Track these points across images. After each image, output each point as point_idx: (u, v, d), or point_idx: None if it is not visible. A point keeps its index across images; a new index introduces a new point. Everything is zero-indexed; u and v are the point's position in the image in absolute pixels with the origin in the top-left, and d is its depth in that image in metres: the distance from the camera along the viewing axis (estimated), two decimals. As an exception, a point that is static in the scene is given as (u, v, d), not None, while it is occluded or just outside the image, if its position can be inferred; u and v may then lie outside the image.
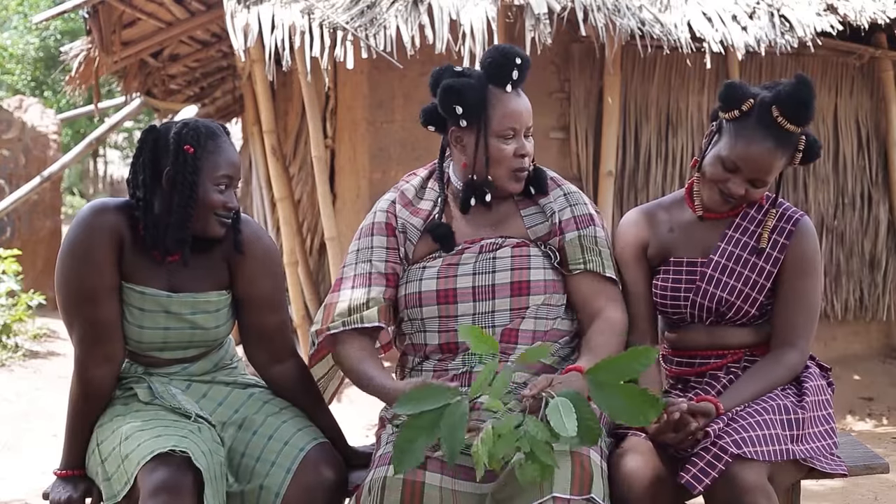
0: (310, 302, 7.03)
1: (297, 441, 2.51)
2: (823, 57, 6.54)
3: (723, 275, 2.60)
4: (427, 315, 2.56)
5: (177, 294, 2.54)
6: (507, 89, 2.54)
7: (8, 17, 16.86)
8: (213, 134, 2.52)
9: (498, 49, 2.56)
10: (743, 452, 2.29)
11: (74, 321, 2.50)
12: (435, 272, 2.57)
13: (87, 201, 19.66)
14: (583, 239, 2.59)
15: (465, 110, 2.53)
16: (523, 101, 2.57)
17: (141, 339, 2.55)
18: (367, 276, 2.60)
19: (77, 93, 7.54)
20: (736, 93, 2.53)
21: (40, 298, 7.89)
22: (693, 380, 2.67)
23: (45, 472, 4.66)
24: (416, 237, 2.64)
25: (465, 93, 2.51)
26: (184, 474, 2.32)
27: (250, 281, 2.61)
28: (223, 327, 2.62)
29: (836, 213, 6.73)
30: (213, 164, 2.49)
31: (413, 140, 6.33)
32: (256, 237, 2.62)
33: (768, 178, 2.54)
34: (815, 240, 2.63)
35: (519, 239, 2.60)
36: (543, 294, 2.55)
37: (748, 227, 2.62)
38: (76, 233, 2.49)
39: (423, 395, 2.21)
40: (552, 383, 2.25)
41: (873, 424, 6.03)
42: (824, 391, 2.62)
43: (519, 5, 5.52)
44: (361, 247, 2.65)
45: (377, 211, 2.69)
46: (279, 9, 5.71)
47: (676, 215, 2.69)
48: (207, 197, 2.49)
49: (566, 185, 2.68)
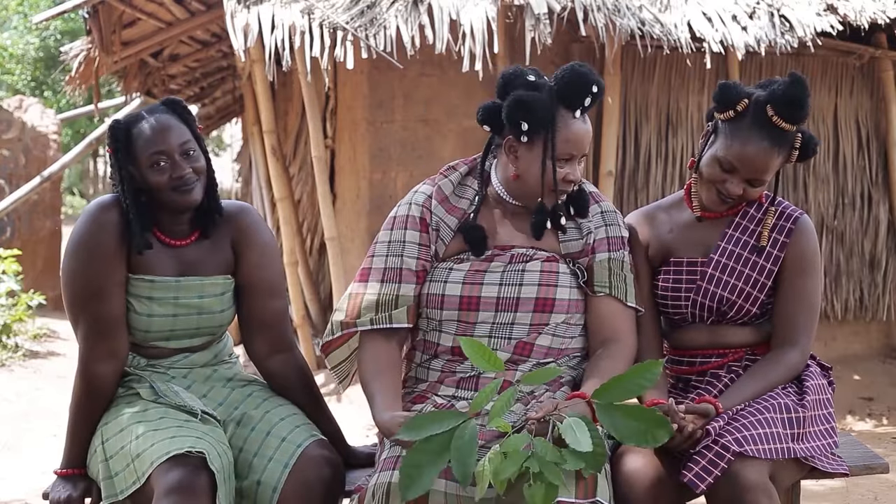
0: (310, 302, 7.03)
1: (294, 437, 2.52)
2: (823, 57, 6.53)
3: (724, 273, 2.60)
4: (446, 317, 2.54)
5: (185, 278, 2.58)
6: (576, 114, 2.49)
7: (8, 17, 16.87)
8: (136, 121, 2.55)
9: (576, 71, 2.49)
10: (744, 450, 2.29)
11: (80, 316, 2.52)
12: (461, 276, 2.54)
13: (88, 201, 19.73)
14: (612, 262, 2.56)
15: (530, 127, 2.45)
16: (587, 127, 2.52)
17: (149, 329, 2.57)
18: (398, 272, 2.56)
19: (77, 93, 7.54)
20: (730, 93, 2.53)
21: (40, 298, 7.89)
22: (694, 379, 2.67)
23: (45, 472, 4.66)
24: (448, 236, 2.59)
25: (535, 110, 2.44)
26: (198, 475, 2.33)
27: (253, 267, 2.64)
28: (227, 312, 2.65)
29: (836, 213, 6.73)
30: (140, 148, 2.53)
31: (413, 140, 6.33)
32: (257, 227, 2.67)
33: (765, 177, 2.55)
34: (815, 238, 2.63)
35: (550, 253, 2.57)
36: (566, 313, 2.53)
37: (748, 225, 2.63)
38: (84, 228, 2.52)
39: (427, 421, 2.18)
40: (557, 407, 2.23)
41: (873, 424, 6.03)
42: (825, 390, 2.62)
43: (519, 5, 5.52)
44: (393, 239, 2.60)
45: (412, 203, 2.63)
46: (279, 9, 5.71)
47: (676, 216, 2.70)
48: (150, 180, 2.52)
49: (604, 202, 2.65)
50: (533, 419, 2.20)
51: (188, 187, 2.53)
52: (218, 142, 19.84)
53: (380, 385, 2.47)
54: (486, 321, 2.51)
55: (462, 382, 2.50)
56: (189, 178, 2.53)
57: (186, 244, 2.60)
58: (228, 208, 2.65)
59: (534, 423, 2.19)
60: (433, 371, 2.56)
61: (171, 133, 2.53)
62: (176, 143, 2.53)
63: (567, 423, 2.12)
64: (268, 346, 2.69)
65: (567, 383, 2.53)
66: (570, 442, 2.08)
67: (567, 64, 2.54)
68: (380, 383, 2.47)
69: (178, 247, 2.60)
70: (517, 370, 2.49)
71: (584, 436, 2.09)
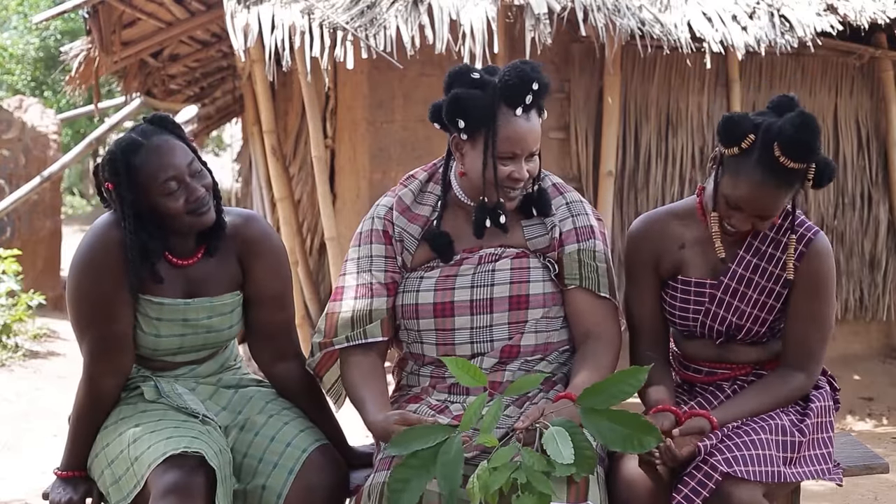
0: (310, 302, 7.02)
1: (299, 442, 2.51)
2: (823, 57, 6.54)
3: (733, 298, 2.53)
4: (424, 328, 2.53)
5: (194, 300, 2.53)
6: (517, 112, 2.43)
7: (8, 17, 16.85)
8: (134, 150, 2.41)
9: (517, 69, 2.44)
10: (733, 471, 2.26)
11: (86, 334, 2.48)
12: (432, 284, 2.52)
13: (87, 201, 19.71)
14: (581, 253, 2.52)
15: (467, 125, 2.43)
16: (532, 124, 2.44)
17: (157, 347, 2.55)
18: (368, 287, 2.55)
19: (77, 93, 7.54)
20: (736, 129, 2.38)
21: (40, 298, 7.88)
22: (699, 386, 2.65)
23: (45, 472, 4.66)
24: (413, 246, 2.58)
25: (470, 108, 2.41)
26: (195, 475, 2.32)
27: (261, 279, 2.60)
28: (235, 327, 2.63)
29: (836, 213, 6.73)
30: (148, 176, 2.41)
31: (413, 140, 6.33)
32: (265, 235, 2.61)
33: (774, 213, 2.42)
34: (830, 260, 2.51)
35: (519, 249, 2.54)
36: (542, 308, 2.51)
37: (760, 247, 2.53)
38: (91, 247, 2.46)
39: (414, 436, 2.18)
40: (543, 413, 2.22)
41: (873, 424, 6.03)
42: (829, 413, 2.56)
43: (519, 5, 5.52)
44: (361, 255, 2.59)
45: (374, 217, 2.62)
46: (279, 9, 5.71)
47: (689, 230, 2.59)
48: (166, 207, 2.42)
49: (569, 193, 2.61)
50: (520, 429, 2.19)
51: (205, 208, 2.46)
52: (218, 142, 19.82)
53: (367, 391, 2.46)
54: (464, 327, 2.49)
55: (453, 388, 2.50)
56: (205, 199, 2.46)
57: (193, 262, 2.54)
58: (233, 219, 2.58)
59: (521, 433, 2.18)
60: (423, 377, 2.56)
61: (175, 155, 2.43)
62: (183, 164, 2.43)
63: (549, 433, 2.10)
64: (272, 355, 2.68)
65: (560, 381, 2.52)
66: (551, 454, 2.06)
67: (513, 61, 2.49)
68: (367, 389, 2.47)
69: (185, 266, 2.53)
70: (506, 370, 2.48)
71: (567, 447, 2.07)
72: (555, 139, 6.44)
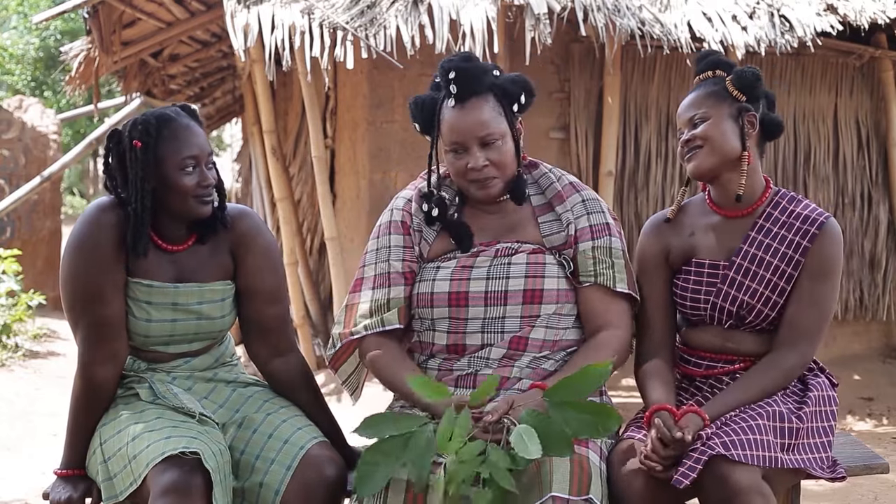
0: (310, 302, 7.03)
1: (297, 439, 2.52)
2: (823, 57, 6.54)
3: (745, 278, 2.57)
4: (437, 316, 2.56)
5: (183, 284, 2.57)
6: (450, 104, 2.52)
7: (8, 17, 16.87)
8: (167, 120, 2.49)
9: (442, 63, 2.54)
10: (730, 454, 2.26)
11: (80, 319, 2.51)
12: (449, 273, 2.56)
13: (88, 201, 19.74)
14: (596, 250, 2.55)
15: (422, 127, 2.59)
16: (468, 114, 2.50)
17: (148, 334, 2.56)
18: (386, 277, 2.60)
19: (77, 93, 7.55)
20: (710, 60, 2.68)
21: (40, 298, 7.89)
22: (699, 380, 2.66)
23: (45, 472, 4.67)
24: (431, 236, 2.63)
25: (419, 109, 2.57)
26: (193, 475, 2.33)
27: (253, 273, 2.62)
28: (228, 317, 2.64)
29: (836, 213, 6.73)
30: (173, 149, 2.48)
31: (413, 140, 6.33)
32: (258, 230, 2.64)
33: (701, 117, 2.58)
34: (839, 245, 2.56)
35: (535, 245, 2.58)
36: (556, 303, 2.53)
37: (770, 227, 2.59)
38: (83, 230, 2.50)
39: (385, 421, 2.24)
40: (513, 405, 2.27)
41: (873, 424, 6.03)
42: (829, 402, 2.56)
43: (519, 5, 5.52)
44: (380, 246, 2.64)
45: (393, 209, 2.68)
46: (279, 9, 5.71)
47: (698, 218, 2.66)
48: (178, 183, 2.49)
49: (585, 191, 2.64)
50: (490, 422, 2.24)
51: (209, 198, 2.53)
52: (218, 142, 19.85)
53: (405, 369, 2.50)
54: (476, 317, 2.52)
55: (460, 380, 2.52)
56: (211, 190, 2.54)
57: (182, 249, 2.59)
58: (228, 212, 2.63)
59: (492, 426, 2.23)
60: (430, 370, 2.57)
61: (200, 138, 2.53)
62: (205, 149, 2.53)
63: (517, 431, 2.15)
64: (269, 350, 2.69)
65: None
66: (519, 451, 2.12)
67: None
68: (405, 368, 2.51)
69: (175, 252, 2.58)
70: (514, 366, 2.50)
71: (535, 444, 2.12)
72: (555, 139, 6.44)
